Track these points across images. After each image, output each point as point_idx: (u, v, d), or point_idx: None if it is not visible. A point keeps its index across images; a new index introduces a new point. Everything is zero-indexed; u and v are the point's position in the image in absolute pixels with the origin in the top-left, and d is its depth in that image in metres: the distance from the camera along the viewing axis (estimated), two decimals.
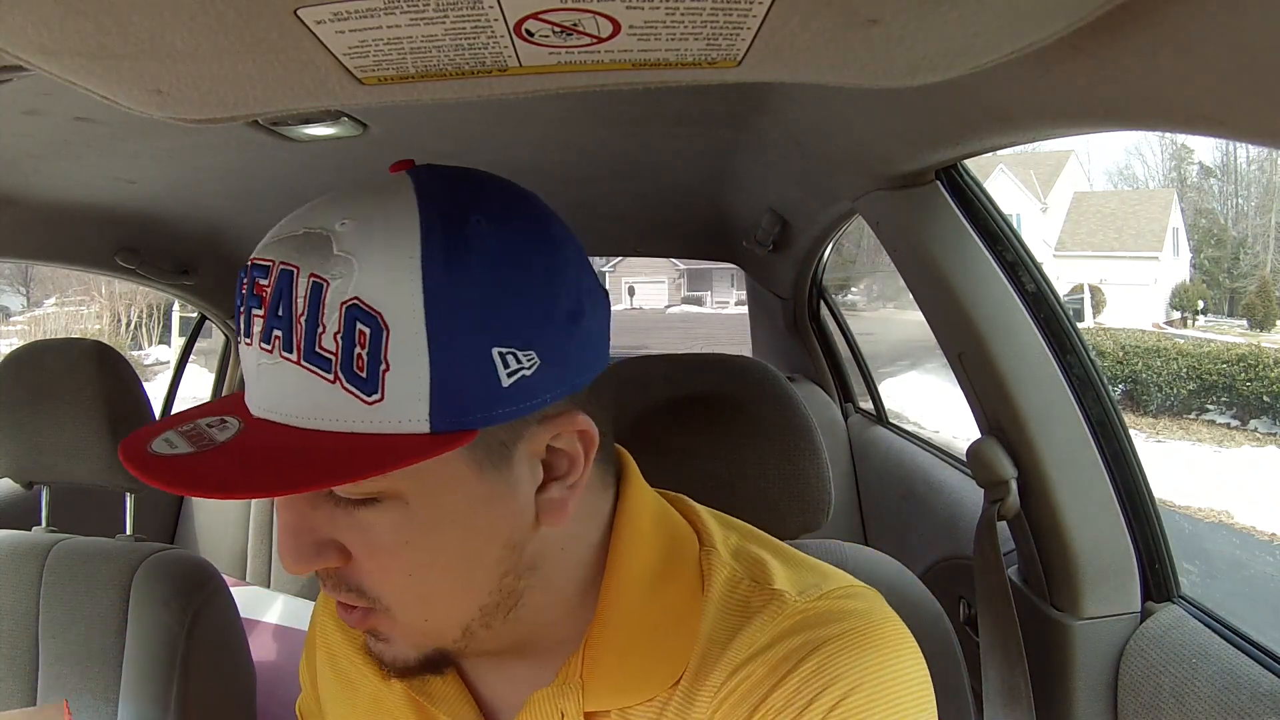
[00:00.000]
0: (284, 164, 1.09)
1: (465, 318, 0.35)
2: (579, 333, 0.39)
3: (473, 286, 0.36)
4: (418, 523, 0.38)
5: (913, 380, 3.32)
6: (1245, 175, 20.35)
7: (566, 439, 0.40)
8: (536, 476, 0.41)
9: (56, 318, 14.39)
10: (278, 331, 0.36)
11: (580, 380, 0.40)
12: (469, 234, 0.36)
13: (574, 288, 0.40)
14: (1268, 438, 8.55)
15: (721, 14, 0.32)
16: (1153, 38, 0.36)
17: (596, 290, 0.42)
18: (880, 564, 0.80)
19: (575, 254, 0.41)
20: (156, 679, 0.86)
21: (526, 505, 0.41)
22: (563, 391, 0.39)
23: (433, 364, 0.35)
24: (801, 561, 0.48)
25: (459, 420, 0.36)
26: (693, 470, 0.78)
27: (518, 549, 0.41)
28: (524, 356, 0.37)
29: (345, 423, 0.35)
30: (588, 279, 0.41)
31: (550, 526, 0.41)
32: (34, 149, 0.96)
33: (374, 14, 0.31)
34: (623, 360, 0.83)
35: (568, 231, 0.42)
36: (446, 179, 0.39)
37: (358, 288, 0.34)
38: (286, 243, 0.37)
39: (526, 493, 0.40)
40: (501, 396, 0.36)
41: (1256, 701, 0.63)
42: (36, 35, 0.32)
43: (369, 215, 0.37)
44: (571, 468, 0.41)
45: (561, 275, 0.39)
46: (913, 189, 0.81)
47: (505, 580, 0.41)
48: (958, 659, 0.76)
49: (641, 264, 23.01)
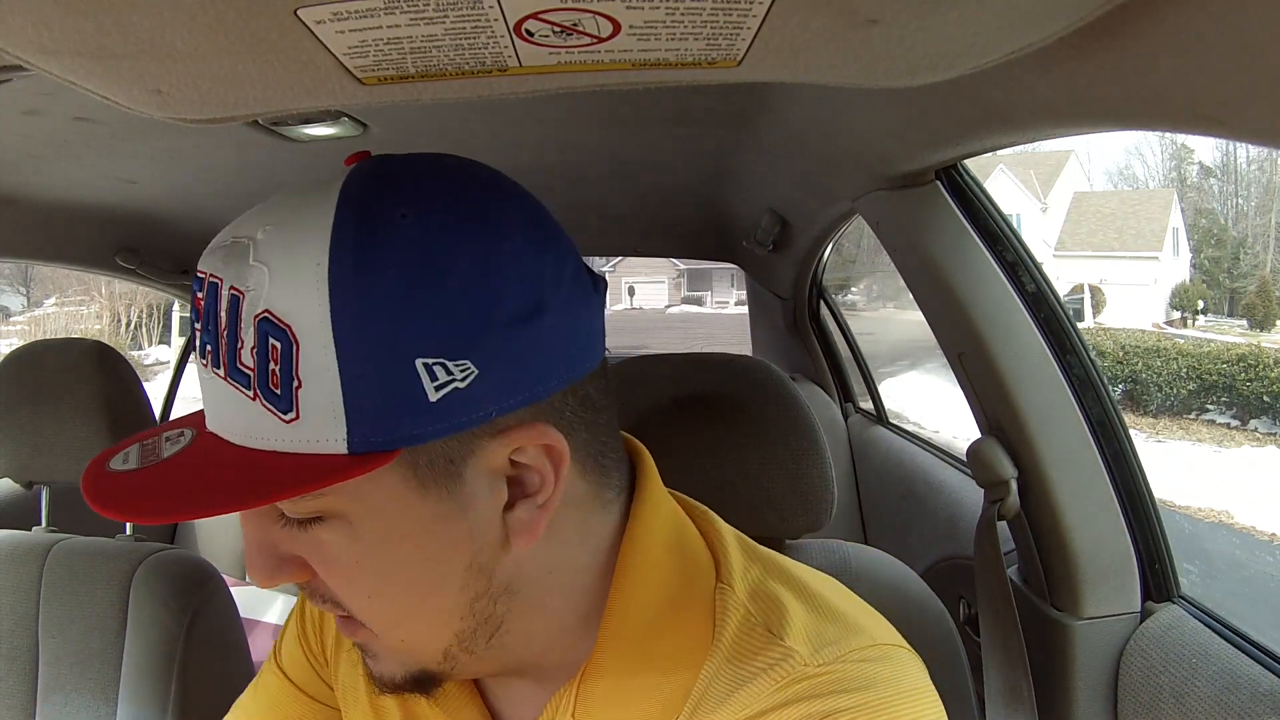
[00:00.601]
0: (284, 164, 1.09)
1: (377, 328, 0.32)
2: (535, 333, 0.35)
3: (385, 292, 0.32)
4: (364, 543, 0.36)
5: (913, 380, 3.32)
6: (1245, 175, 20.35)
7: (532, 454, 0.36)
8: (499, 495, 0.37)
9: (56, 318, 14.40)
10: (209, 345, 0.34)
11: (543, 387, 0.36)
12: (385, 232, 0.33)
13: (528, 281, 0.35)
14: (1268, 438, 8.55)
15: (721, 14, 0.32)
16: (1153, 38, 0.36)
17: (571, 280, 0.37)
18: (882, 563, 0.80)
19: (531, 241, 0.36)
20: (156, 679, 0.87)
21: (488, 526, 0.37)
22: (517, 401, 0.35)
23: (344, 380, 0.32)
24: (830, 608, 0.43)
25: (378, 440, 0.33)
26: (695, 470, 0.78)
27: (484, 572, 0.38)
28: (455, 367, 0.33)
29: (270, 441, 0.33)
30: (553, 267, 0.36)
31: (521, 549, 0.38)
32: (34, 149, 0.96)
33: (374, 14, 0.31)
34: (623, 360, 0.84)
35: (528, 214, 0.37)
36: (381, 170, 0.36)
37: (268, 299, 0.32)
38: (216, 252, 0.35)
39: (486, 513, 0.37)
40: (429, 412, 0.33)
41: (1256, 701, 0.63)
42: (36, 35, 0.32)
43: (285, 220, 0.34)
44: (542, 485, 0.37)
45: (506, 269, 0.34)
46: (913, 189, 0.81)
47: (478, 605, 0.38)
48: (960, 659, 0.76)
49: (641, 264, 23.02)
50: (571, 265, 0.38)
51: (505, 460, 0.36)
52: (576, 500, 0.40)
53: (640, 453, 0.46)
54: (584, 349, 0.38)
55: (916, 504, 1.30)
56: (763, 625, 0.41)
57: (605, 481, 0.42)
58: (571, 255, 0.38)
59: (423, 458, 0.35)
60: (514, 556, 0.38)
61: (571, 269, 0.37)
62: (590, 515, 0.41)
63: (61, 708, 0.88)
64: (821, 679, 0.39)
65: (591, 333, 0.39)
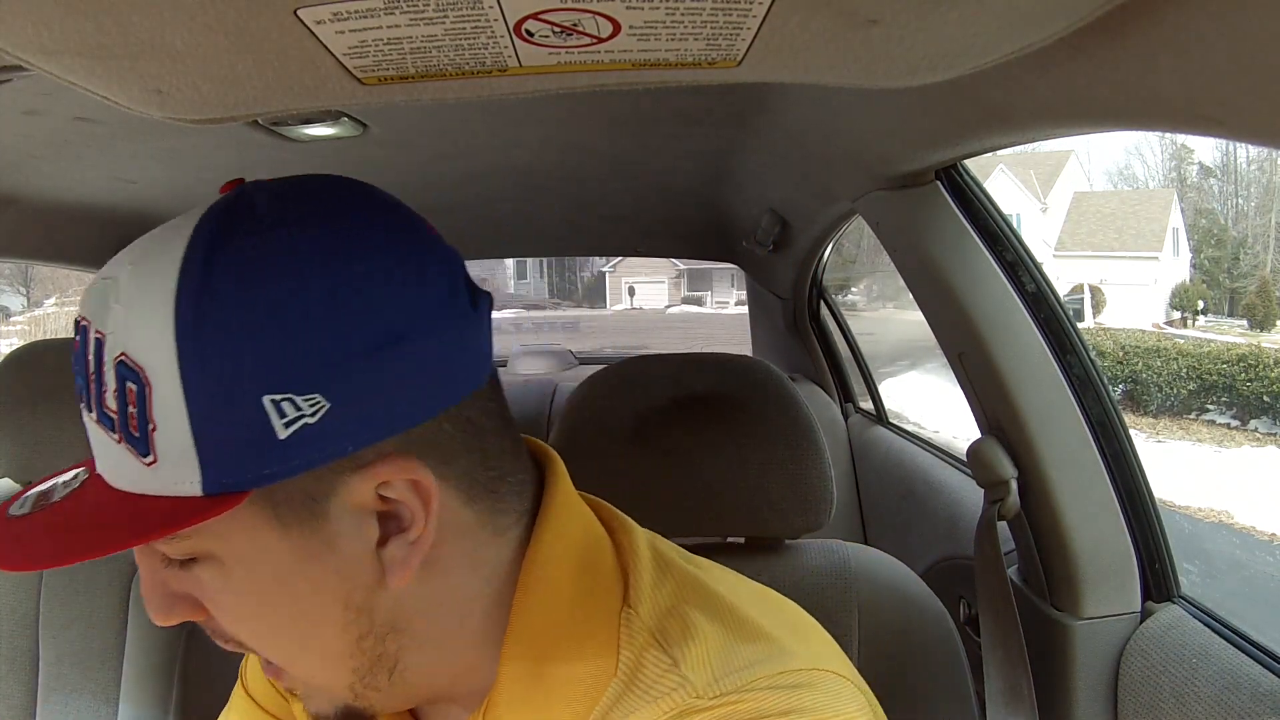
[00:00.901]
0: (284, 164, 1.09)
1: (221, 366, 0.31)
2: (393, 363, 0.33)
3: (228, 328, 0.31)
4: (237, 584, 0.35)
5: (913, 380, 3.32)
6: (1245, 175, 20.36)
7: (399, 488, 0.35)
8: (369, 532, 0.35)
9: (56, 318, 14.40)
10: (82, 389, 0.34)
11: (408, 418, 0.34)
12: (229, 266, 0.32)
13: (383, 308, 0.33)
14: (1268, 438, 8.55)
15: (721, 14, 0.32)
16: (1153, 38, 0.36)
17: (441, 302, 0.35)
18: (882, 564, 0.80)
19: (391, 266, 0.34)
20: (157, 679, 0.87)
21: (359, 564, 0.36)
22: (376, 434, 0.33)
23: (193, 421, 0.31)
24: (751, 629, 0.40)
25: (230, 481, 0.32)
26: (694, 470, 0.78)
27: (364, 611, 0.36)
28: (304, 402, 0.31)
29: (137, 484, 0.33)
30: (417, 291, 0.34)
31: (398, 586, 0.36)
32: (34, 149, 0.96)
33: (374, 14, 0.31)
34: (623, 360, 0.84)
35: (393, 237, 0.35)
36: (237, 201, 0.35)
37: (124, 342, 0.32)
38: (89, 294, 0.35)
39: (355, 550, 0.35)
40: (279, 451, 0.32)
41: (1257, 702, 0.63)
42: (36, 35, 0.32)
43: (142, 258, 0.33)
44: (414, 520, 0.36)
45: (356, 297, 0.33)
46: (913, 189, 0.81)
47: (365, 643, 0.37)
48: (960, 659, 0.76)
49: (641, 264, 23.01)
50: (444, 286, 0.36)
51: (372, 495, 0.35)
52: (462, 530, 0.38)
53: (552, 469, 0.44)
54: (460, 373, 0.36)
55: (916, 504, 1.30)
56: (663, 652, 0.38)
57: (499, 507, 0.39)
58: (445, 276, 0.36)
59: (281, 496, 0.34)
60: (395, 594, 0.37)
61: (443, 290, 0.36)
62: (482, 545, 0.39)
63: (62, 708, 0.88)
64: (717, 711, 0.36)
65: (470, 354, 0.37)
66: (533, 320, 19.59)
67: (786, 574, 0.79)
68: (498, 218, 1.52)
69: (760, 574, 0.79)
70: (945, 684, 0.75)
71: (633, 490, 0.78)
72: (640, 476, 0.78)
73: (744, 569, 0.79)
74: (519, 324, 18.45)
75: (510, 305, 23.66)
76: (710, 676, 0.37)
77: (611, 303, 24.73)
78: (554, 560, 0.40)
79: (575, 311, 23.21)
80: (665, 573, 0.43)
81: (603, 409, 0.80)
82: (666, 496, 0.78)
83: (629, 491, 0.78)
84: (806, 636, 0.42)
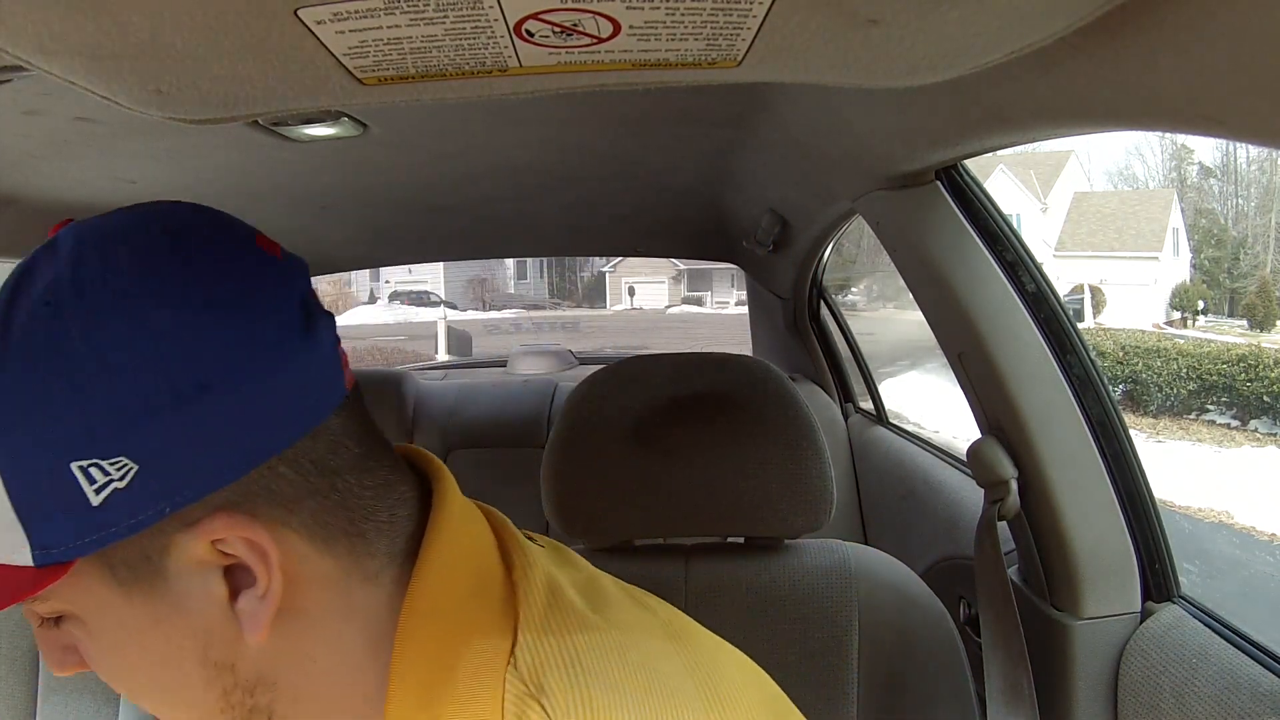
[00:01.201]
0: (284, 164, 1.09)
1: (24, 436, 0.30)
2: (203, 415, 0.31)
3: (23, 395, 0.30)
4: (98, 644, 0.35)
5: (913, 380, 3.32)
6: (1245, 175, 20.35)
7: (236, 544, 0.33)
8: (215, 588, 0.34)
9: None
10: None
11: (230, 470, 0.32)
12: (22, 328, 0.30)
13: (184, 359, 0.31)
14: (1268, 438, 8.55)
15: (721, 14, 0.32)
16: (1153, 38, 0.36)
17: (263, 340, 0.32)
18: (882, 564, 0.81)
19: (193, 311, 0.31)
20: None
21: (212, 621, 0.34)
22: (197, 491, 0.31)
23: (10, 493, 0.30)
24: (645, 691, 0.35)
25: (55, 550, 0.31)
26: (694, 470, 0.78)
27: (225, 668, 0.35)
28: (111, 466, 0.30)
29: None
30: (228, 334, 0.32)
31: (255, 642, 0.34)
32: (34, 149, 0.96)
33: (374, 14, 0.31)
34: (623, 360, 0.84)
35: (201, 277, 0.32)
36: (44, 252, 0.33)
37: None
38: None
39: (204, 608, 0.34)
40: (95, 518, 0.30)
41: (1257, 702, 0.63)
42: (36, 35, 0.32)
43: None
44: (261, 574, 0.34)
45: (162, 345, 0.31)
46: (913, 189, 0.81)
47: (233, 698, 0.35)
48: (961, 659, 0.76)
49: (641, 264, 23.02)
50: (269, 321, 0.33)
51: (209, 552, 0.33)
52: (324, 580, 0.35)
53: (438, 493, 0.40)
54: (290, 413, 0.33)
55: (916, 504, 1.30)
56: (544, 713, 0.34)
57: (368, 550, 0.36)
58: (270, 311, 0.33)
59: (117, 559, 0.32)
60: (259, 648, 0.35)
61: (266, 326, 0.33)
62: (351, 592, 0.36)
63: (62, 709, 0.88)
64: None
65: (305, 390, 0.34)
66: (533, 320, 19.60)
67: (786, 574, 0.79)
68: (498, 218, 1.52)
69: (760, 574, 0.79)
70: (945, 684, 0.75)
71: (632, 490, 0.78)
72: (640, 476, 0.78)
73: (744, 569, 0.80)
74: (519, 324, 18.46)
75: (510, 305, 23.67)
76: None
77: (611, 303, 24.74)
78: (433, 613, 0.36)
79: (575, 311, 23.22)
80: (559, 617, 0.38)
81: (602, 408, 0.80)
82: (666, 496, 0.78)
83: (628, 491, 0.78)
84: (728, 701, 0.38)
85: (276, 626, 0.34)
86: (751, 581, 0.79)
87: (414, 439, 1.73)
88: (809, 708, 0.75)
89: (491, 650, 0.36)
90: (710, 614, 0.78)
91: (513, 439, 1.73)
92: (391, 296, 22.52)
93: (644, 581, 0.80)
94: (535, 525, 1.88)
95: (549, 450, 0.80)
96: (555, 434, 0.80)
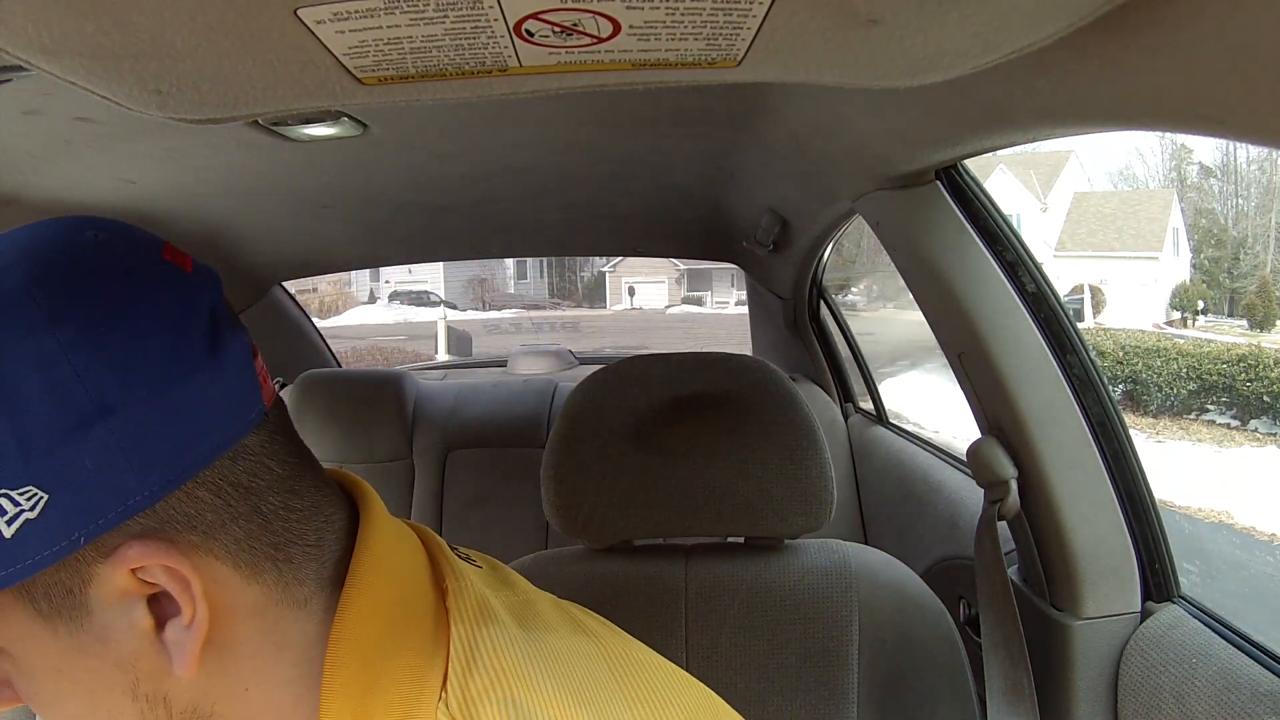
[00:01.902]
0: (284, 164, 1.09)
1: None
2: (115, 436, 0.30)
3: None
4: (28, 678, 0.34)
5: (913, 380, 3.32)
6: (1245, 175, 20.35)
7: (156, 573, 0.32)
8: (140, 620, 0.33)
9: None
10: None
11: (143, 498, 0.31)
12: None
13: (91, 375, 0.30)
14: (1268, 438, 8.55)
15: (721, 14, 0.32)
16: (1153, 38, 0.36)
17: (165, 360, 0.32)
18: (882, 564, 0.81)
19: (85, 333, 0.30)
20: None
21: (139, 653, 0.33)
22: (111, 519, 0.31)
23: None
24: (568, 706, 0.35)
25: None
26: (693, 470, 0.78)
27: (157, 700, 0.34)
28: (20, 496, 0.29)
29: None
30: (123, 354, 0.31)
31: (185, 674, 0.33)
32: (34, 149, 0.96)
33: (374, 14, 0.31)
34: (623, 360, 0.84)
35: (96, 299, 0.31)
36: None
37: None
38: None
39: (129, 640, 0.33)
40: (9, 550, 0.30)
41: (1256, 702, 0.63)
42: (36, 35, 0.32)
43: None
44: (185, 603, 0.33)
45: (58, 368, 0.30)
46: (913, 189, 0.81)
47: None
48: (961, 659, 0.76)
49: (641, 264, 23.03)
50: (170, 337, 0.32)
51: (131, 582, 0.32)
52: (253, 608, 0.35)
53: (365, 517, 0.39)
54: (204, 430, 0.32)
55: (917, 504, 1.30)
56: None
57: (296, 576, 0.36)
58: (171, 327, 0.33)
59: (38, 592, 0.32)
60: (192, 681, 0.34)
61: (165, 342, 0.32)
62: (282, 620, 0.35)
63: None
64: None
65: (216, 407, 0.33)
66: (533, 320, 19.59)
67: (786, 574, 0.79)
68: (498, 218, 1.52)
69: (760, 574, 0.79)
70: (945, 683, 0.75)
71: (632, 490, 0.78)
72: (639, 476, 0.78)
73: (744, 569, 0.80)
74: (519, 324, 18.45)
75: (510, 305, 23.66)
76: None
77: (611, 303, 24.73)
78: (360, 640, 0.35)
79: (575, 311, 23.22)
80: (488, 646, 0.38)
81: (602, 408, 0.80)
82: (666, 496, 0.78)
83: (628, 491, 0.78)
84: None
85: (207, 658, 0.34)
86: (752, 582, 0.79)
87: (414, 439, 1.73)
88: (809, 708, 0.75)
89: (420, 683, 0.35)
90: (710, 614, 0.78)
91: (513, 439, 1.73)
92: (391, 296, 22.52)
93: (644, 581, 0.80)
94: (535, 525, 1.89)
95: (549, 450, 0.80)
96: (555, 434, 0.80)
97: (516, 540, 1.60)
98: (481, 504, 1.68)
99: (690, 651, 0.77)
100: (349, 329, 16.12)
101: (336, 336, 7.29)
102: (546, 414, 1.76)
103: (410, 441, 1.72)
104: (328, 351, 2.23)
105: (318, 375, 1.74)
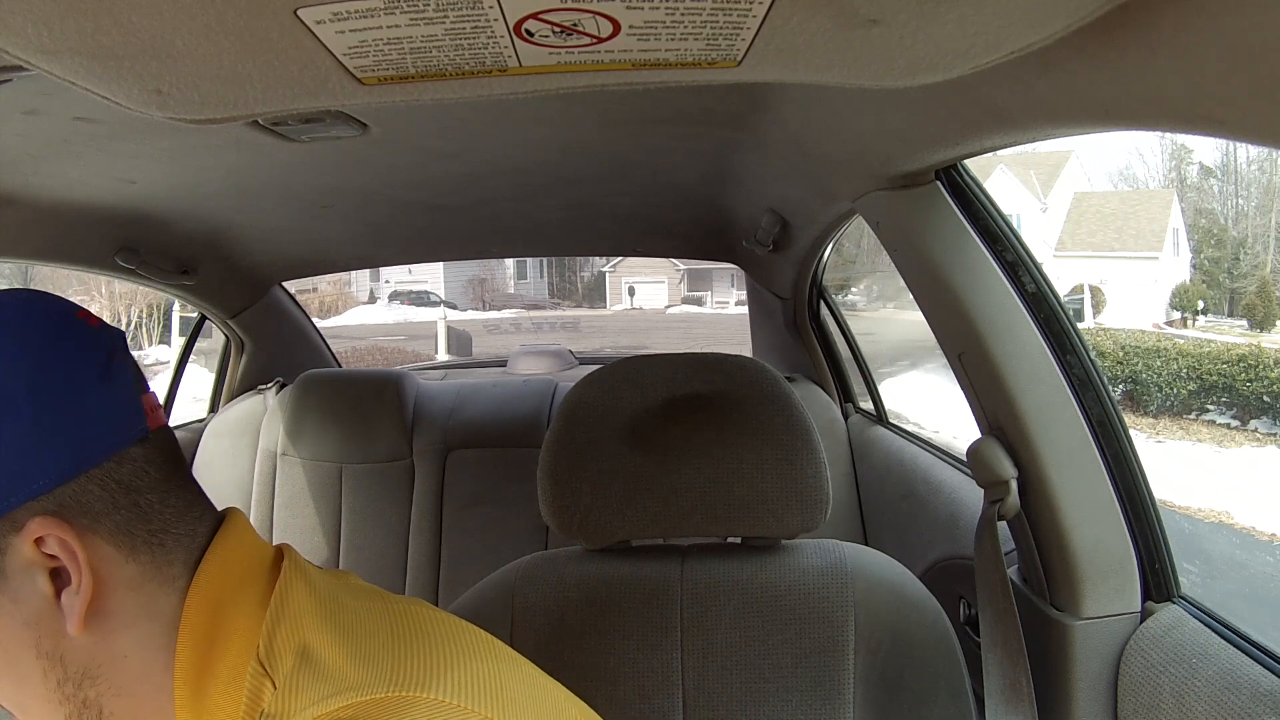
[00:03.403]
0: (284, 164, 1.09)
1: None
2: (20, 430, 0.39)
3: None
4: None
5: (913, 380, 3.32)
6: (1245, 175, 20.35)
7: (54, 545, 0.40)
8: (43, 585, 0.40)
9: None
10: None
11: (44, 482, 0.40)
12: None
13: (3, 383, 0.39)
14: (1268, 438, 8.55)
15: (721, 14, 0.32)
16: (1153, 38, 0.36)
17: (46, 379, 0.41)
18: (879, 563, 0.81)
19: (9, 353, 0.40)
20: None
21: (42, 615, 0.41)
22: (20, 497, 0.39)
23: None
24: (356, 654, 0.43)
25: None
26: (690, 470, 0.78)
27: (55, 659, 0.41)
28: None
29: None
30: (35, 364, 0.40)
31: (75, 635, 0.41)
32: (34, 149, 0.96)
33: (374, 14, 0.31)
34: (619, 360, 0.84)
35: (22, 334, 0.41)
36: None
37: None
38: None
39: (36, 603, 0.40)
40: None
41: (1256, 701, 0.63)
42: (36, 35, 0.32)
43: None
44: (74, 573, 0.40)
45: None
46: (913, 189, 0.81)
47: (65, 689, 0.41)
48: (958, 658, 0.76)
49: (641, 264, 23.02)
50: (70, 365, 0.41)
51: (35, 553, 0.40)
52: (130, 583, 0.42)
53: (230, 517, 0.48)
54: (94, 437, 0.41)
55: (916, 504, 1.30)
56: (271, 684, 0.41)
57: (167, 558, 0.44)
58: (71, 358, 0.42)
59: None
60: (81, 643, 0.41)
61: (64, 367, 0.41)
62: (154, 596, 0.43)
63: None
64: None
65: (103, 421, 0.42)
66: (533, 320, 19.59)
67: (783, 574, 0.79)
68: (498, 218, 1.52)
69: (756, 574, 0.79)
70: (942, 683, 0.75)
71: (628, 490, 0.78)
72: (636, 477, 0.78)
73: (740, 569, 0.80)
74: (519, 324, 18.45)
75: (510, 305, 23.66)
76: (302, 703, 0.41)
77: (611, 303, 24.72)
78: (208, 593, 0.43)
79: (575, 311, 23.20)
80: (294, 597, 0.45)
81: (598, 409, 0.80)
82: (662, 496, 0.78)
83: (624, 492, 0.78)
84: (430, 663, 0.44)
85: (92, 624, 0.41)
86: (747, 582, 0.79)
87: (414, 439, 1.73)
88: (805, 708, 0.75)
89: (250, 634, 0.43)
90: (705, 614, 0.78)
91: (512, 439, 1.73)
92: (391, 296, 22.52)
93: (639, 582, 0.80)
94: (535, 525, 1.88)
95: (545, 451, 0.80)
96: (551, 434, 0.80)
97: (516, 540, 1.60)
98: (481, 504, 1.67)
99: (685, 651, 0.77)
100: (349, 329, 16.12)
101: (336, 336, 7.30)
102: (546, 414, 1.76)
103: (410, 441, 1.72)
104: (328, 351, 2.23)
105: (318, 375, 1.74)
